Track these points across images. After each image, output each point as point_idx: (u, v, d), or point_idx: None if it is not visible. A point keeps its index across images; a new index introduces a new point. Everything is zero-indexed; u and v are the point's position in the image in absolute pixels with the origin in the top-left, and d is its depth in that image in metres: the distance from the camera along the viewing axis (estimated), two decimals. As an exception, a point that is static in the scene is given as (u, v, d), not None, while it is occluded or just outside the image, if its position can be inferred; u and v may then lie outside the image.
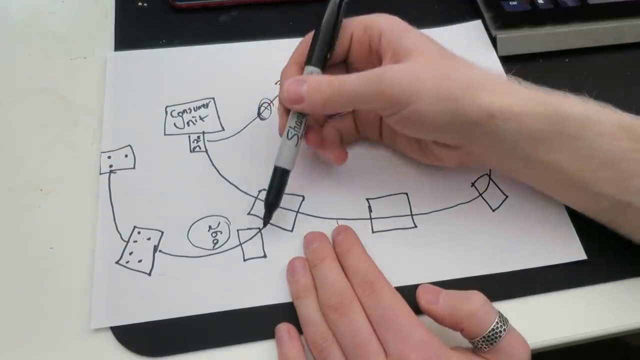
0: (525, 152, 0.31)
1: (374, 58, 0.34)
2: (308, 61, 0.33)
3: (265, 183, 0.36)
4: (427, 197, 0.36)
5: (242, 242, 0.34)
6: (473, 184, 0.37)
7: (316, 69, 0.33)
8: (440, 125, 0.30)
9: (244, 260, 0.34)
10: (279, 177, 0.33)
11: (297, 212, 0.36)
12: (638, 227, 0.32)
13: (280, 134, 0.34)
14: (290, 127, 0.33)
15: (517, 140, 0.30)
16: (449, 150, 0.33)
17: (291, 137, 0.33)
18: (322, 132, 0.36)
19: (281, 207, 0.35)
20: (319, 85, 0.31)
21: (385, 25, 0.33)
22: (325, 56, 0.33)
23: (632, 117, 0.31)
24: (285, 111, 0.33)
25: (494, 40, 0.44)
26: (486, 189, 0.37)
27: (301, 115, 0.33)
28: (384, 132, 0.37)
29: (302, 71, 0.33)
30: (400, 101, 0.30)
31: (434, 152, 0.34)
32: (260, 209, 0.35)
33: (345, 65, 0.36)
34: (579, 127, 0.29)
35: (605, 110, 0.30)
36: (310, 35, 0.34)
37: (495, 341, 0.27)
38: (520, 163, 0.32)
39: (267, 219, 0.34)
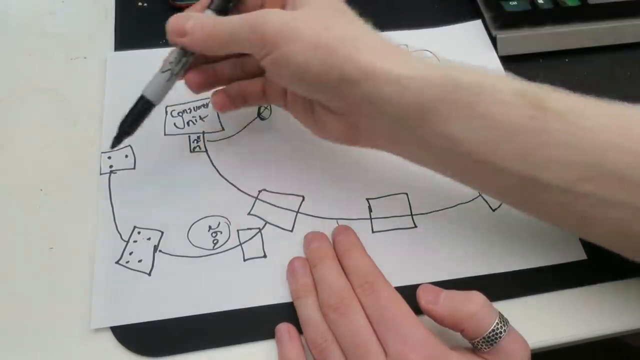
0: (416, 124, 0.28)
1: None
2: (210, 5, 0.32)
3: (265, 183, 0.36)
4: (427, 197, 0.36)
5: (242, 242, 0.34)
6: (473, 184, 0.37)
7: (213, 14, 0.32)
8: (312, 75, 0.29)
9: (244, 260, 0.34)
10: (141, 106, 0.33)
11: (297, 212, 0.36)
12: (546, 206, 0.29)
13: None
14: (168, 61, 0.32)
15: (402, 109, 0.28)
16: (335, 118, 0.32)
17: (165, 71, 0.32)
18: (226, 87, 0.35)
19: (281, 207, 0.36)
20: (203, 21, 0.31)
21: None
22: (228, 5, 0.32)
23: (534, 84, 0.28)
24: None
25: (494, 40, 0.44)
26: (486, 189, 0.37)
27: (182, 53, 0.32)
28: (288, 97, 0.35)
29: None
30: (273, 41, 0.28)
31: (324, 121, 0.32)
32: (260, 208, 0.35)
33: None
34: (473, 94, 0.27)
35: (504, 78, 0.29)
36: None
37: (495, 342, 0.27)
38: (412, 139, 0.29)
39: (115, 142, 0.33)
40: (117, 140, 0.33)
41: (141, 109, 0.33)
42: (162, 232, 0.34)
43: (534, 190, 0.28)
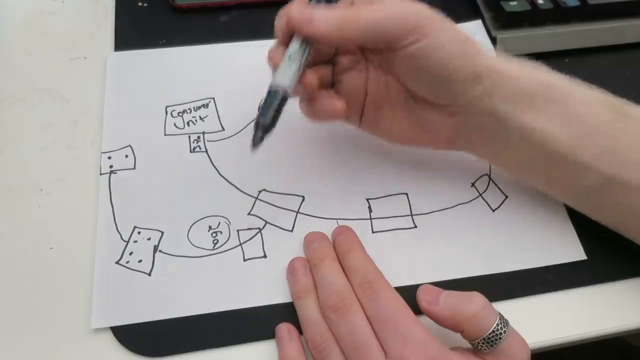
0: (518, 120, 0.30)
1: None
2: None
3: (265, 183, 0.36)
4: (427, 197, 0.36)
5: (242, 242, 0.34)
6: (473, 184, 0.37)
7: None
8: (450, 68, 0.30)
9: (244, 260, 0.34)
10: (279, 99, 0.30)
11: (297, 212, 0.36)
12: (621, 209, 0.31)
13: (273, 68, 0.31)
14: (291, 52, 0.30)
15: (512, 104, 0.30)
16: (440, 118, 0.32)
17: (293, 62, 0.29)
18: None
19: (281, 207, 0.36)
20: (332, 10, 0.29)
21: None
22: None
23: (611, 95, 0.31)
24: (283, 41, 0.31)
25: (494, 40, 0.44)
26: (486, 189, 0.37)
27: (305, 43, 0.30)
28: (366, 109, 0.34)
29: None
30: (422, 29, 0.29)
31: (424, 122, 0.33)
32: (260, 208, 0.35)
33: None
34: (565, 94, 0.30)
35: (583, 85, 0.31)
36: None
37: (495, 343, 0.27)
38: (512, 136, 0.31)
39: (258, 140, 0.30)
40: (260, 139, 0.30)
41: (280, 102, 0.30)
42: (162, 232, 0.34)
43: (615, 192, 0.30)
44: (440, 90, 0.31)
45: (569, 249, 0.34)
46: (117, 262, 0.33)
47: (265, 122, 0.29)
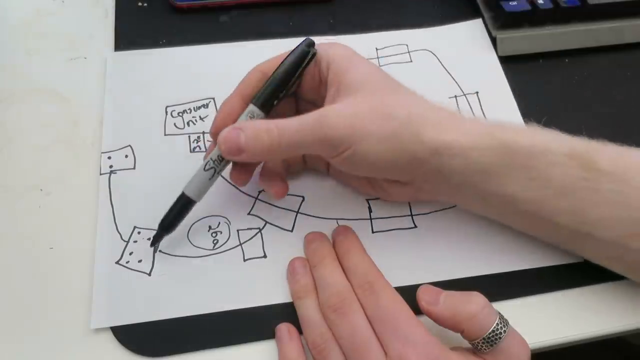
0: (477, 187, 0.30)
1: (323, 90, 0.33)
2: (255, 100, 0.31)
3: (265, 183, 0.36)
4: (427, 197, 0.36)
5: (242, 242, 0.34)
6: (473, 184, 0.37)
7: (260, 113, 0.31)
8: (384, 164, 0.30)
9: (244, 260, 0.34)
10: (182, 204, 0.32)
11: (297, 212, 0.36)
12: (601, 256, 0.32)
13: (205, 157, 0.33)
14: (211, 159, 0.31)
15: (467, 175, 0.30)
16: (399, 187, 0.33)
17: (207, 169, 0.31)
18: (264, 165, 0.34)
19: (281, 207, 0.36)
20: (257, 134, 0.29)
21: (335, 55, 0.32)
22: (274, 103, 0.31)
23: (583, 142, 0.30)
24: (215, 141, 0.32)
25: (494, 40, 0.44)
26: (486, 189, 0.37)
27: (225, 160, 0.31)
28: (331, 169, 0.36)
29: (245, 106, 0.31)
30: (342, 144, 0.29)
31: (385, 188, 0.34)
32: (260, 208, 0.35)
33: (295, 97, 0.35)
34: (528, 157, 0.29)
35: (555, 139, 0.30)
36: (262, 67, 0.33)
37: (495, 343, 0.27)
38: (474, 197, 0.31)
39: (156, 239, 0.32)
40: (156, 239, 0.33)
41: (182, 207, 0.32)
42: (162, 232, 0.34)
43: (588, 244, 0.31)
44: (384, 176, 0.32)
45: (566, 251, 0.34)
46: (117, 262, 0.33)
47: (165, 222, 0.32)
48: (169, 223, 0.32)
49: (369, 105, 0.30)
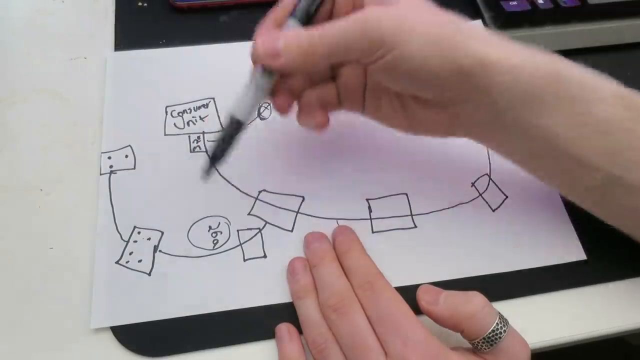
0: (519, 115, 0.29)
1: (358, 4, 0.31)
2: (294, 14, 0.30)
3: (265, 183, 0.36)
4: (427, 197, 0.36)
5: (242, 242, 0.34)
6: (473, 184, 0.37)
7: (298, 24, 0.29)
8: (428, 72, 0.28)
9: (244, 260, 0.34)
10: (233, 128, 0.30)
11: (297, 212, 0.36)
12: (625, 209, 0.30)
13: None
14: (255, 79, 0.30)
15: (512, 99, 0.28)
16: (435, 111, 0.31)
17: (252, 85, 0.30)
18: (300, 99, 0.33)
19: (281, 208, 0.36)
20: (297, 37, 0.28)
21: None
22: (312, 12, 0.30)
23: (626, 89, 0.30)
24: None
25: (494, 40, 0.44)
26: (486, 189, 0.37)
27: (268, 71, 0.30)
28: (367, 99, 0.34)
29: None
30: (386, 43, 0.27)
31: (420, 115, 0.32)
32: (260, 208, 0.35)
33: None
34: (576, 88, 0.28)
35: (603, 78, 0.30)
36: None
37: (495, 342, 0.27)
38: (511, 131, 0.30)
39: (209, 170, 0.31)
40: (210, 168, 0.31)
41: (233, 131, 0.31)
42: (162, 232, 0.34)
43: (617, 192, 0.29)
44: (424, 90, 0.30)
45: (569, 249, 0.34)
46: (117, 262, 0.33)
47: (217, 151, 0.30)
48: (221, 152, 0.30)
49: (416, 10, 0.28)
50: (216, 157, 0.31)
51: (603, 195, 0.31)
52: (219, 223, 0.35)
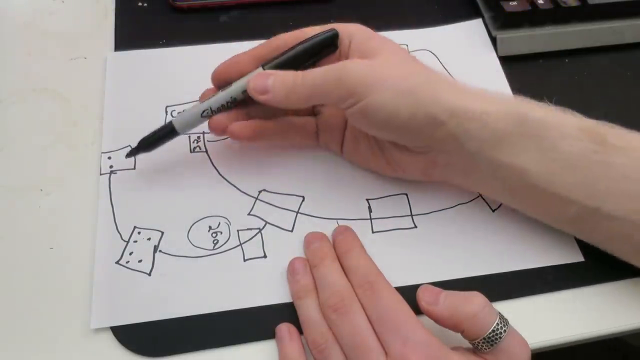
0: (490, 156, 0.30)
1: None
2: (268, 65, 0.32)
3: (265, 183, 0.36)
4: (427, 197, 0.36)
5: (242, 242, 0.34)
6: (473, 184, 0.37)
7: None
8: (400, 120, 0.30)
9: (244, 260, 0.34)
10: (167, 132, 0.34)
11: (297, 212, 0.36)
12: (607, 236, 0.31)
13: (200, 100, 0.34)
14: (210, 108, 0.33)
15: (482, 141, 0.30)
16: (412, 157, 0.33)
17: (204, 115, 0.33)
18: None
19: (281, 207, 0.36)
20: (284, 76, 0.31)
21: (356, 31, 0.33)
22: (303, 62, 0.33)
23: (591, 120, 0.31)
24: (216, 86, 0.34)
25: (494, 40, 0.44)
26: (486, 189, 0.37)
27: (232, 103, 0.33)
28: (345, 142, 0.36)
29: (255, 66, 0.33)
30: (360, 91, 0.30)
31: (397, 159, 0.34)
32: (260, 208, 0.35)
33: None
34: (541, 128, 0.30)
35: (565, 113, 0.31)
36: (285, 37, 0.33)
37: (495, 342, 0.27)
38: (485, 171, 0.31)
39: (131, 154, 0.35)
40: (132, 153, 0.35)
41: (165, 134, 0.34)
42: (162, 232, 0.34)
43: (596, 221, 0.30)
44: (398, 138, 0.32)
45: (566, 251, 0.34)
46: (117, 262, 0.33)
47: (145, 142, 0.34)
48: (149, 143, 0.34)
49: (390, 62, 0.31)
50: (141, 147, 0.35)
51: (583, 225, 0.32)
52: (219, 223, 0.35)
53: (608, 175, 0.29)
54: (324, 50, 0.33)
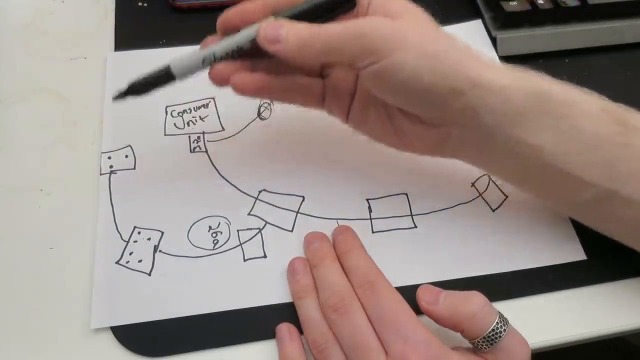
0: (507, 134, 0.29)
1: None
2: (280, 15, 0.30)
3: (265, 183, 0.36)
4: (427, 197, 0.36)
5: (242, 242, 0.34)
6: (473, 184, 0.37)
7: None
8: (419, 85, 0.28)
9: (244, 260, 0.34)
10: (163, 76, 0.31)
11: (297, 212, 0.36)
12: (623, 222, 0.30)
13: (202, 46, 0.32)
14: (214, 52, 0.30)
15: (500, 116, 0.29)
16: (424, 130, 0.31)
17: (205, 62, 0.31)
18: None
19: (281, 208, 0.36)
20: (298, 29, 0.28)
21: None
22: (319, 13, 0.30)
23: (612, 102, 0.30)
24: (222, 34, 0.31)
25: (494, 40, 0.44)
26: (486, 189, 0.37)
27: (237, 51, 0.30)
28: (353, 109, 0.34)
29: (265, 14, 0.30)
30: (381, 49, 0.28)
31: (408, 131, 0.32)
32: (260, 208, 0.35)
33: None
34: (562, 106, 0.29)
35: (589, 94, 0.30)
36: None
37: (495, 342, 0.27)
38: (500, 150, 0.30)
39: (120, 96, 0.31)
40: (122, 95, 0.31)
41: (160, 79, 0.31)
42: (162, 232, 0.34)
43: (613, 206, 0.29)
44: (412, 105, 0.30)
45: (568, 249, 0.34)
46: (117, 262, 0.33)
47: (136, 84, 0.31)
48: (140, 87, 0.31)
49: (414, 25, 0.29)
50: (131, 90, 0.31)
51: (599, 209, 0.30)
52: (219, 223, 0.35)
53: (629, 157, 0.28)
54: (341, 6, 0.30)
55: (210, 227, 0.35)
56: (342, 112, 0.34)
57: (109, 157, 0.37)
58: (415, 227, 0.35)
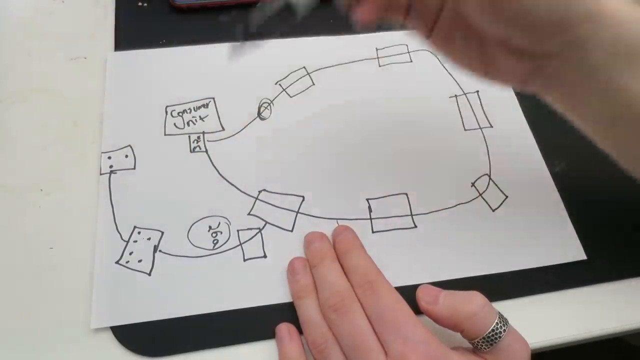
0: (611, 73, 0.26)
1: None
2: None
3: (265, 183, 0.36)
4: (427, 197, 0.36)
5: (242, 242, 0.34)
6: (473, 184, 0.37)
7: None
8: (533, 14, 0.25)
9: (244, 260, 0.34)
10: (282, 7, 0.28)
11: (297, 212, 0.36)
12: None
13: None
14: None
15: (609, 56, 0.26)
16: (518, 60, 0.28)
17: None
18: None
19: (281, 207, 0.36)
20: None
21: None
22: None
23: None
24: None
25: (494, 40, 0.44)
26: (486, 189, 0.37)
27: None
28: (438, 28, 0.30)
29: None
30: None
31: (498, 60, 0.29)
32: (260, 208, 0.35)
33: None
34: None
35: None
36: None
37: (495, 342, 0.27)
38: (598, 90, 0.27)
39: (236, 50, 0.28)
40: (236, 49, 0.29)
41: (280, 9, 0.29)
42: (162, 232, 0.34)
43: None
44: (519, 35, 0.27)
45: (569, 249, 0.34)
46: (117, 262, 0.33)
47: (255, 18, 0.28)
48: (259, 26, 0.28)
49: None
50: (248, 33, 0.28)
51: None
52: (219, 223, 0.35)
53: None
54: None
55: (210, 227, 0.35)
56: (424, 29, 0.31)
57: (109, 157, 0.37)
58: (415, 227, 0.35)
